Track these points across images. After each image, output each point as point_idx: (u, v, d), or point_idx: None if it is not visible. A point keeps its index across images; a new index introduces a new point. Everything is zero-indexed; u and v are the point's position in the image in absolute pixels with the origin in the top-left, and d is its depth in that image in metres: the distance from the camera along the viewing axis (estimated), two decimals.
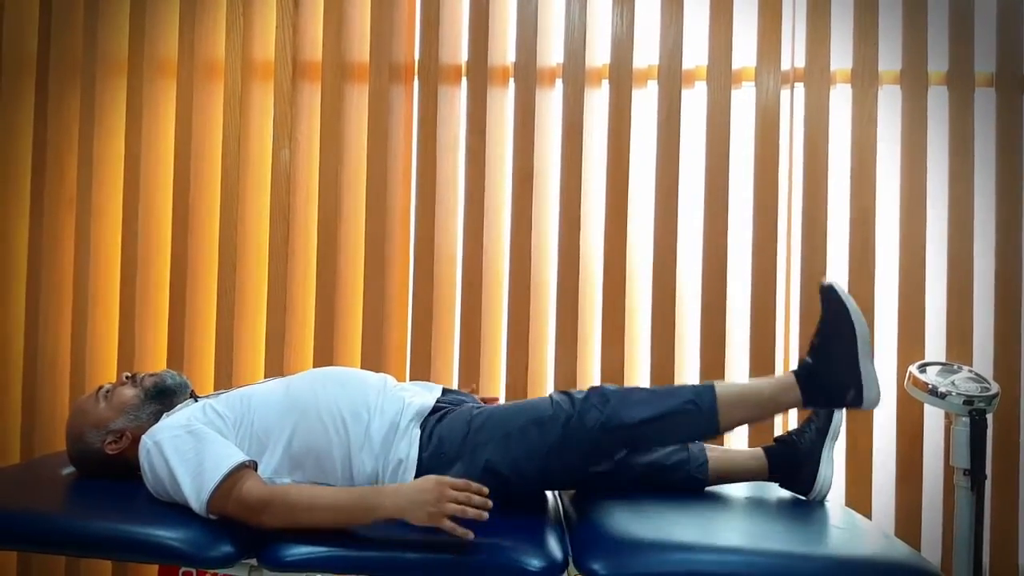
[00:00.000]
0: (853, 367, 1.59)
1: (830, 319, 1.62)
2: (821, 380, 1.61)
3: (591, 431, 1.55)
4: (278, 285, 2.35)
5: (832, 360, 1.60)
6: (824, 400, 1.64)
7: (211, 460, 1.44)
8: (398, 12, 2.40)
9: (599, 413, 1.56)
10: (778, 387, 1.63)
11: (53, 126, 2.40)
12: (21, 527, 1.42)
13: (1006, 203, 2.25)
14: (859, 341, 1.59)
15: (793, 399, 1.62)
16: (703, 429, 1.61)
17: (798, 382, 1.61)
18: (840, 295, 1.61)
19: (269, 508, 1.40)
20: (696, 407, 1.59)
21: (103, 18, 2.39)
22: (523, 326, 2.30)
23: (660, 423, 1.57)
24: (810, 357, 1.64)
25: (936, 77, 2.29)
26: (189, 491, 1.42)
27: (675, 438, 1.67)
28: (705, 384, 1.63)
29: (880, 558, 1.38)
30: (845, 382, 1.60)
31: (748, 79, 2.34)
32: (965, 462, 2.00)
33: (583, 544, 1.43)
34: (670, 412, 1.58)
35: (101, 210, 2.40)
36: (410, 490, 1.37)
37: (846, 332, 1.60)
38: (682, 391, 1.62)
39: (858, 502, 2.21)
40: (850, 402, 1.61)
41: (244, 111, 2.38)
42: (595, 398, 1.58)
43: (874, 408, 1.63)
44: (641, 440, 1.62)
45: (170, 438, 1.48)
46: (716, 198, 2.29)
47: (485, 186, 2.33)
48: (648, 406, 1.58)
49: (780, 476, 1.74)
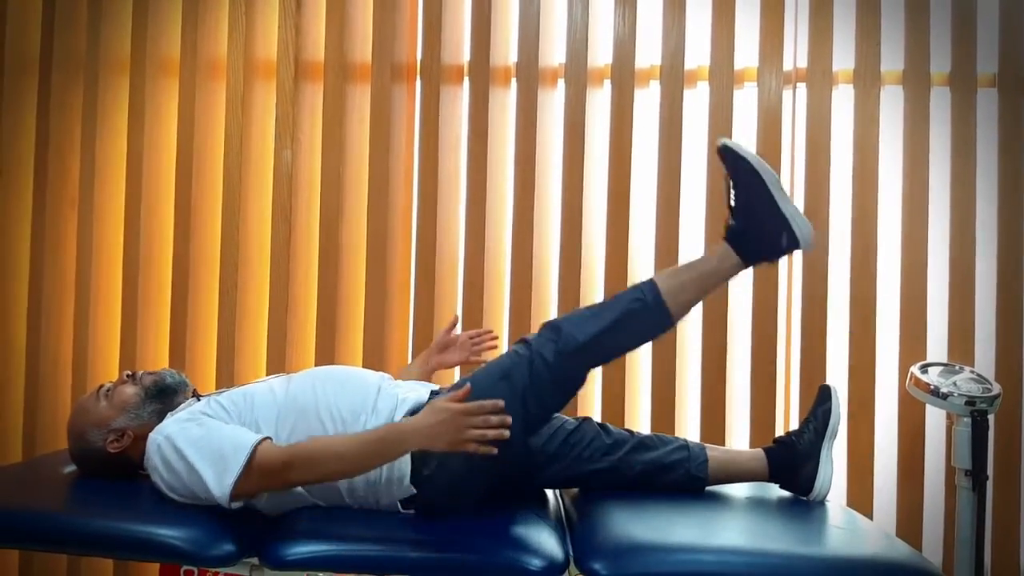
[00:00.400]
0: (775, 212, 1.61)
1: (737, 177, 1.63)
2: (751, 235, 1.63)
3: (554, 363, 1.57)
4: (280, 285, 2.35)
5: (753, 213, 1.62)
6: (763, 252, 1.65)
7: (230, 446, 1.44)
8: (400, 12, 2.40)
9: (555, 344, 1.58)
10: (715, 258, 1.65)
11: (55, 125, 2.40)
12: (23, 525, 1.42)
13: (1008, 204, 2.24)
14: (770, 187, 1.61)
15: (733, 264, 1.64)
16: (657, 321, 1.63)
17: (732, 247, 1.63)
18: (737, 151, 1.62)
19: (292, 466, 1.41)
20: (642, 303, 1.61)
21: (106, 17, 2.40)
22: (525, 326, 2.30)
23: (614, 331, 1.60)
24: (733, 220, 1.65)
25: (938, 78, 2.29)
26: (211, 480, 1.41)
27: (634, 340, 1.67)
28: (645, 281, 1.65)
29: (881, 558, 1.38)
30: (773, 229, 1.62)
31: (750, 79, 2.34)
32: (967, 463, 2.00)
33: (584, 544, 1.43)
34: (620, 317, 1.60)
35: (103, 209, 2.40)
36: (430, 423, 1.38)
37: (755, 182, 1.61)
38: (625, 295, 1.65)
39: (859, 502, 2.21)
40: (787, 246, 1.63)
41: (246, 111, 2.39)
42: (547, 333, 1.60)
43: (810, 241, 1.64)
44: (602, 352, 1.63)
45: (181, 431, 1.48)
46: (718, 199, 2.29)
47: (487, 186, 2.33)
48: (598, 319, 1.60)
49: (781, 478, 1.74)
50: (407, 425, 1.43)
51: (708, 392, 2.27)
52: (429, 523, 1.50)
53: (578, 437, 1.71)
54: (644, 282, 1.65)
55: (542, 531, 1.47)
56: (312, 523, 1.47)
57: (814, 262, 2.26)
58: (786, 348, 2.34)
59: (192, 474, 1.43)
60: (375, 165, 2.36)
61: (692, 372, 2.33)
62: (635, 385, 2.35)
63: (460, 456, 1.42)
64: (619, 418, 2.25)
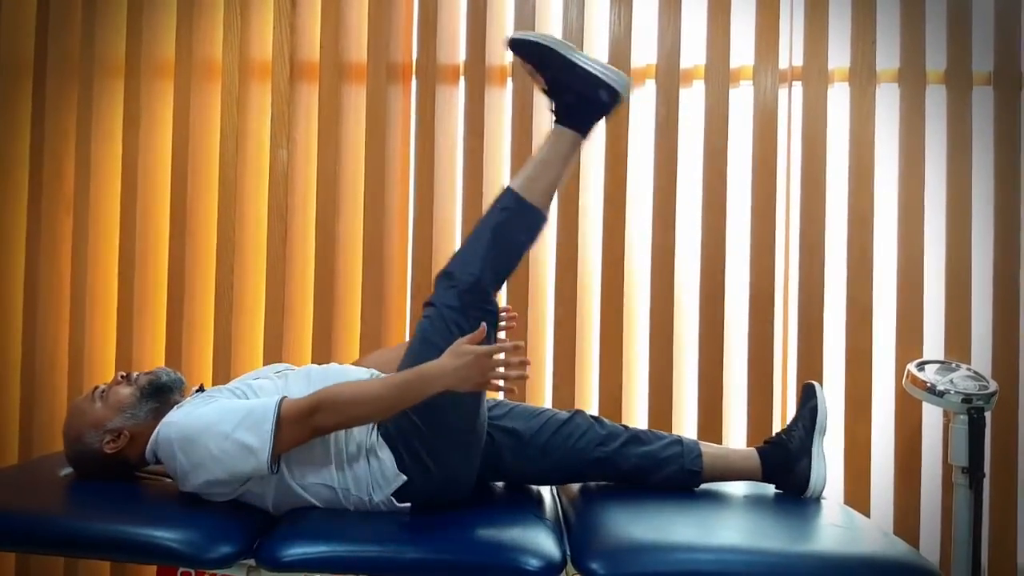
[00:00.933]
0: (582, 74, 1.66)
1: (536, 61, 1.68)
2: (571, 105, 1.68)
3: (461, 304, 1.61)
4: (276, 285, 2.35)
5: (564, 85, 1.67)
6: (589, 115, 1.69)
7: (257, 405, 1.47)
8: (396, 12, 2.40)
9: (454, 288, 1.62)
10: (552, 142, 1.69)
11: (50, 128, 2.39)
12: (19, 528, 1.42)
13: (1004, 201, 2.25)
14: (566, 55, 1.65)
15: (571, 139, 1.69)
16: (530, 219, 1.68)
17: (564, 125, 1.68)
18: (522, 38, 1.67)
19: (320, 408, 1.44)
20: (508, 211, 1.66)
21: (100, 20, 2.39)
22: (521, 326, 2.30)
23: (497, 247, 1.64)
24: (551, 101, 1.70)
25: (934, 76, 2.29)
26: (249, 438, 1.42)
27: (519, 244, 1.69)
28: (501, 192, 1.69)
29: (879, 556, 1.38)
30: (588, 90, 1.66)
31: (746, 78, 2.34)
32: (963, 460, 2.00)
33: (581, 544, 1.43)
34: (496, 233, 1.64)
35: (99, 211, 2.40)
36: (455, 366, 1.44)
37: (552, 56, 1.66)
38: (490, 212, 1.68)
39: (857, 500, 2.21)
40: (609, 100, 1.67)
41: (242, 112, 2.38)
42: (442, 283, 1.65)
43: (627, 86, 1.69)
44: (500, 270, 1.66)
45: (193, 410, 1.50)
46: (714, 197, 2.29)
47: (483, 185, 2.33)
48: (478, 246, 1.65)
49: (775, 479, 1.75)
50: (432, 367, 1.46)
51: (705, 391, 2.27)
52: (426, 523, 1.50)
53: (571, 428, 1.71)
54: (501, 193, 1.69)
55: (539, 531, 1.47)
56: (308, 524, 1.47)
57: (811, 260, 2.27)
58: (783, 346, 2.34)
59: (224, 441, 1.43)
60: (371, 165, 2.36)
61: (689, 371, 2.33)
62: (632, 384, 2.35)
63: (425, 421, 1.49)
64: (616, 418, 2.24)
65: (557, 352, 2.30)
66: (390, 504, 1.55)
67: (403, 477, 1.54)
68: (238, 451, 1.43)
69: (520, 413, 1.74)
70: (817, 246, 2.27)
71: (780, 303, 2.33)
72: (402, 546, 1.41)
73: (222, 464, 1.44)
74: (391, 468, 1.54)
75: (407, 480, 1.54)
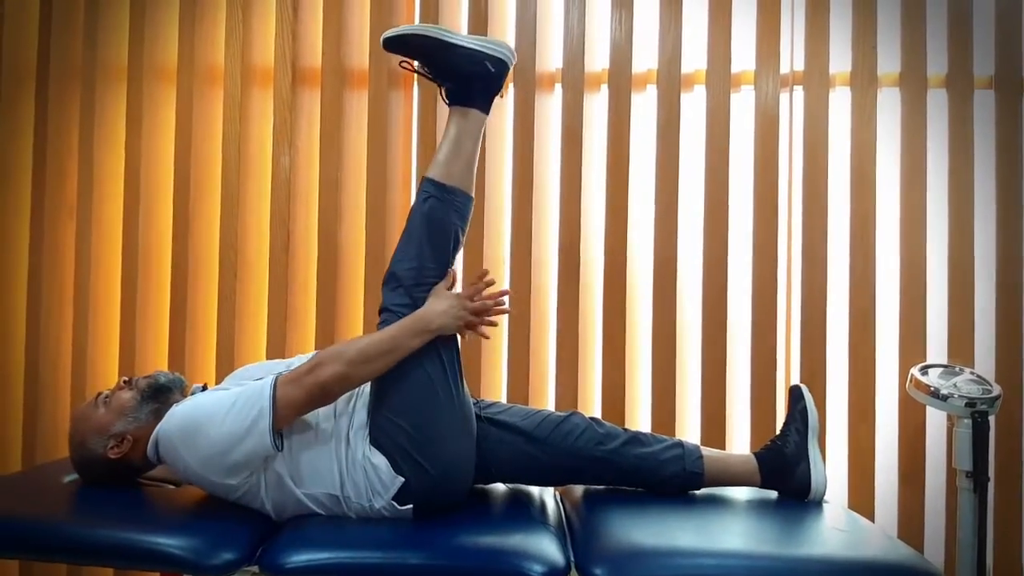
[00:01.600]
0: (463, 52, 1.69)
1: (417, 54, 1.71)
2: (463, 85, 1.71)
3: (410, 298, 1.63)
4: (278, 290, 2.35)
5: (450, 68, 1.70)
6: (482, 90, 1.72)
7: (254, 385, 1.50)
8: (397, 18, 2.40)
9: (401, 287, 1.64)
10: (456, 122, 1.71)
11: (53, 133, 2.40)
12: (23, 534, 1.42)
13: (1006, 204, 2.25)
14: (442, 38, 1.68)
15: (472, 116, 1.71)
16: (457, 202, 1.69)
17: (459, 105, 1.71)
18: (396, 34, 1.69)
19: (321, 363, 1.50)
20: (433, 198, 1.67)
21: (103, 24, 2.40)
22: (523, 331, 2.30)
23: (432, 236, 1.66)
24: (442, 87, 1.73)
25: (935, 80, 2.29)
26: (251, 414, 1.45)
27: (449, 225, 1.68)
28: (421, 183, 1.71)
29: (883, 560, 1.38)
30: (473, 66, 1.69)
31: (747, 82, 2.35)
32: (967, 464, 1.99)
33: (585, 549, 1.43)
34: (427, 225, 1.66)
35: (101, 216, 2.40)
36: (442, 308, 1.59)
37: (429, 44, 1.69)
38: (415, 206, 1.69)
39: (861, 504, 2.20)
40: (496, 70, 1.72)
41: (244, 117, 2.39)
42: (388, 285, 1.66)
43: (510, 54, 1.73)
44: (438, 253, 1.66)
45: (188, 402, 1.54)
46: (716, 201, 2.30)
47: (485, 191, 2.33)
48: (411, 242, 1.66)
49: (775, 484, 1.75)
50: (423, 312, 1.59)
51: (708, 396, 2.27)
52: (429, 529, 1.50)
53: (569, 427, 1.72)
54: (420, 184, 1.71)
55: (543, 536, 1.46)
56: (311, 531, 1.47)
57: (813, 265, 2.27)
58: (786, 351, 2.34)
59: (222, 425, 1.46)
60: (373, 170, 2.36)
61: (692, 376, 2.33)
62: (635, 389, 2.34)
63: (421, 429, 1.54)
64: (619, 422, 2.24)
65: (560, 357, 2.30)
66: (392, 509, 1.55)
67: (400, 479, 1.55)
68: (238, 429, 1.46)
69: (517, 412, 1.75)
70: (819, 250, 2.27)
71: (783, 307, 2.32)
72: (405, 552, 1.41)
73: (223, 448, 1.46)
74: (387, 472, 1.55)
75: (405, 481, 1.55)
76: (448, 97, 1.73)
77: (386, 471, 1.55)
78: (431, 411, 1.58)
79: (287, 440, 1.55)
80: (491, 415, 1.72)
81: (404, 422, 1.57)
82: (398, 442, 1.56)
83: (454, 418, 1.61)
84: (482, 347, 2.30)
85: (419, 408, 1.57)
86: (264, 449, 1.47)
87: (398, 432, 1.57)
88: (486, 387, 2.32)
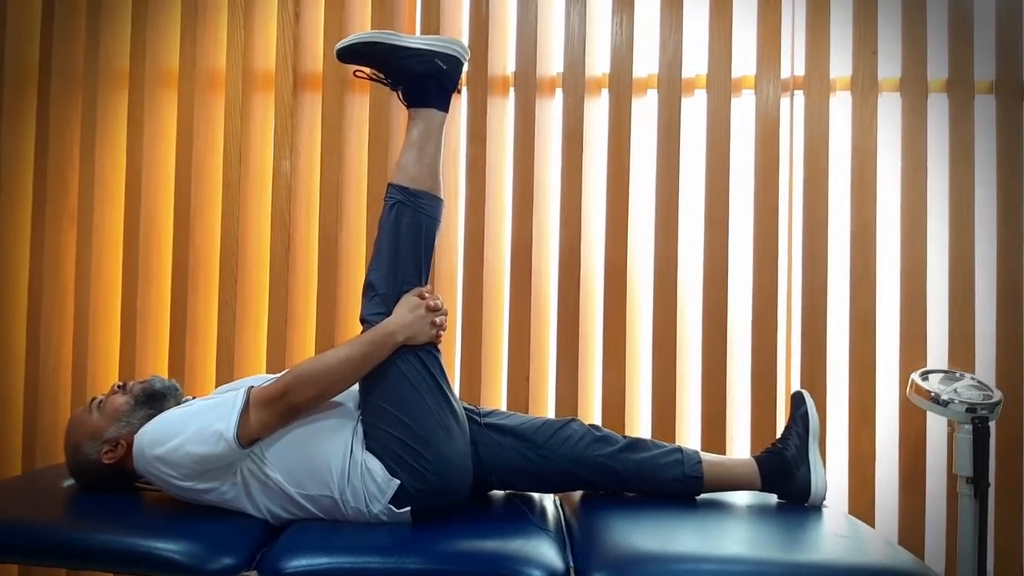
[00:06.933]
0: (415, 54, 1.68)
1: (369, 61, 1.71)
2: (416, 86, 1.69)
3: (387, 307, 1.62)
4: (279, 295, 2.35)
5: (402, 71, 1.69)
6: (439, 88, 1.70)
7: (227, 397, 1.52)
8: (398, 22, 2.41)
9: (376, 294, 1.64)
10: (416, 125, 1.70)
11: (55, 138, 2.40)
12: (22, 539, 1.42)
13: (1007, 209, 2.25)
14: (389, 41, 1.67)
15: (430, 118, 1.69)
16: (424, 205, 1.67)
17: (416, 107, 1.70)
18: (346, 45, 1.69)
19: (291, 389, 1.51)
20: (399, 203, 1.66)
21: (105, 30, 2.40)
22: (524, 334, 2.30)
23: (406, 242, 1.65)
24: (398, 90, 1.72)
25: (936, 84, 2.29)
26: (219, 425, 1.46)
27: (421, 229, 1.67)
28: (387, 189, 1.70)
29: (883, 566, 1.37)
30: (425, 65, 1.68)
31: (748, 87, 2.35)
32: (968, 470, 1.99)
33: (585, 554, 1.43)
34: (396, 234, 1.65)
35: (103, 221, 2.40)
36: (412, 318, 1.59)
37: (379, 50, 1.69)
38: (383, 216, 1.68)
39: (861, 510, 2.20)
40: (449, 68, 1.70)
41: (245, 122, 2.39)
42: (367, 295, 1.66)
43: (461, 50, 1.70)
44: (412, 258, 1.66)
45: (163, 414, 1.55)
46: (717, 206, 2.29)
47: (486, 195, 2.33)
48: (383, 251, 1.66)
49: (776, 488, 1.75)
50: (392, 321, 1.58)
51: (708, 401, 2.27)
52: (428, 534, 1.49)
53: (568, 432, 1.72)
54: (387, 190, 1.69)
55: (542, 541, 1.46)
56: (310, 536, 1.47)
57: (814, 269, 2.26)
58: (786, 357, 2.33)
59: (195, 435, 1.46)
60: (374, 174, 2.36)
61: (692, 381, 2.33)
62: (635, 395, 2.34)
63: (410, 435, 1.55)
64: (619, 428, 2.24)
65: (560, 362, 2.30)
66: (390, 513, 1.55)
67: (396, 482, 1.55)
68: (208, 437, 1.46)
69: (516, 418, 1.76)
70: (820, 255, 2.27)
71: (783, 312, 2.32)
72: (404, 557, 1.40)
73: (194, 455, 1.47)
74: (382, 475, 1.55)
75: (400, 484, 1.55)
76: (406, 99, 1.72)
77: (381, 474, 1.55)
78: (419, 414, 1.58)
79: (286, 441, 1.55)
80: (490, 422, 1.72)
81: (393, 428, 1.57)
82: (390, 447, 1.57)
83: (443, 419, 1.60)
84: (482, 354, 2.30)
85: (407, 412, 1.58)
86: (233, 452, 1.47)
87: (389, 438, 1.57)
88: (486, 394, 2.32)
